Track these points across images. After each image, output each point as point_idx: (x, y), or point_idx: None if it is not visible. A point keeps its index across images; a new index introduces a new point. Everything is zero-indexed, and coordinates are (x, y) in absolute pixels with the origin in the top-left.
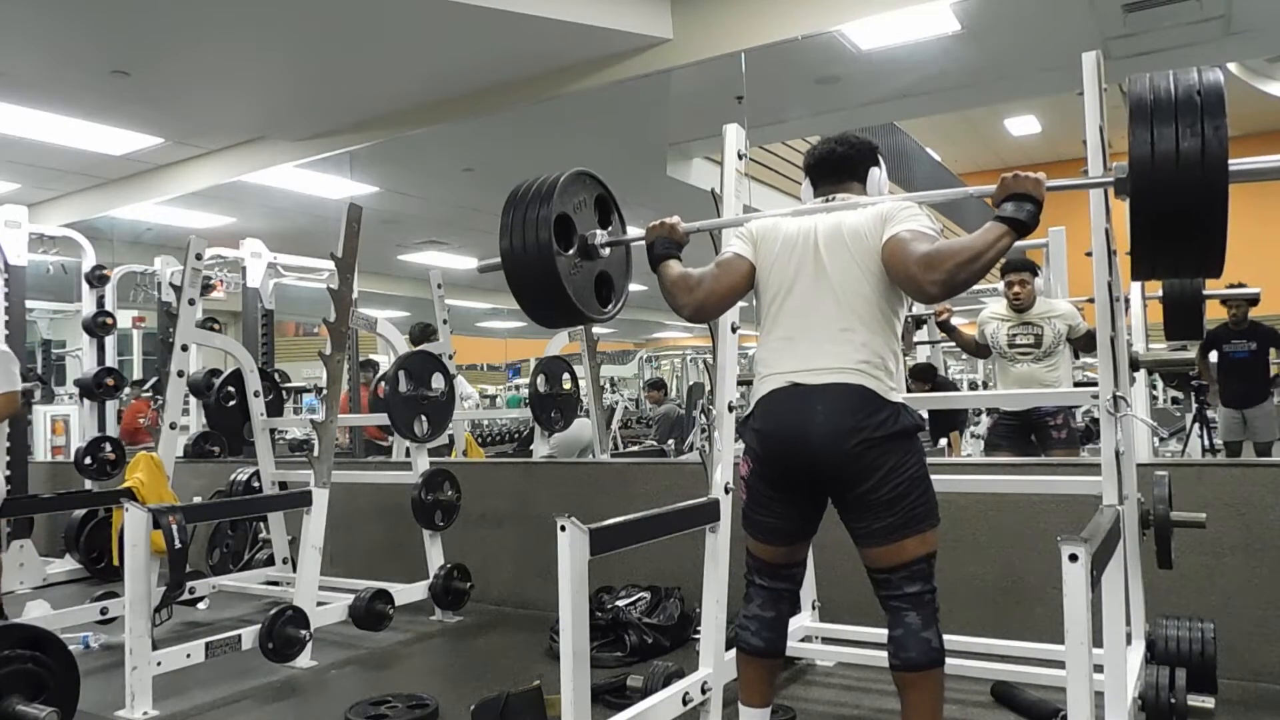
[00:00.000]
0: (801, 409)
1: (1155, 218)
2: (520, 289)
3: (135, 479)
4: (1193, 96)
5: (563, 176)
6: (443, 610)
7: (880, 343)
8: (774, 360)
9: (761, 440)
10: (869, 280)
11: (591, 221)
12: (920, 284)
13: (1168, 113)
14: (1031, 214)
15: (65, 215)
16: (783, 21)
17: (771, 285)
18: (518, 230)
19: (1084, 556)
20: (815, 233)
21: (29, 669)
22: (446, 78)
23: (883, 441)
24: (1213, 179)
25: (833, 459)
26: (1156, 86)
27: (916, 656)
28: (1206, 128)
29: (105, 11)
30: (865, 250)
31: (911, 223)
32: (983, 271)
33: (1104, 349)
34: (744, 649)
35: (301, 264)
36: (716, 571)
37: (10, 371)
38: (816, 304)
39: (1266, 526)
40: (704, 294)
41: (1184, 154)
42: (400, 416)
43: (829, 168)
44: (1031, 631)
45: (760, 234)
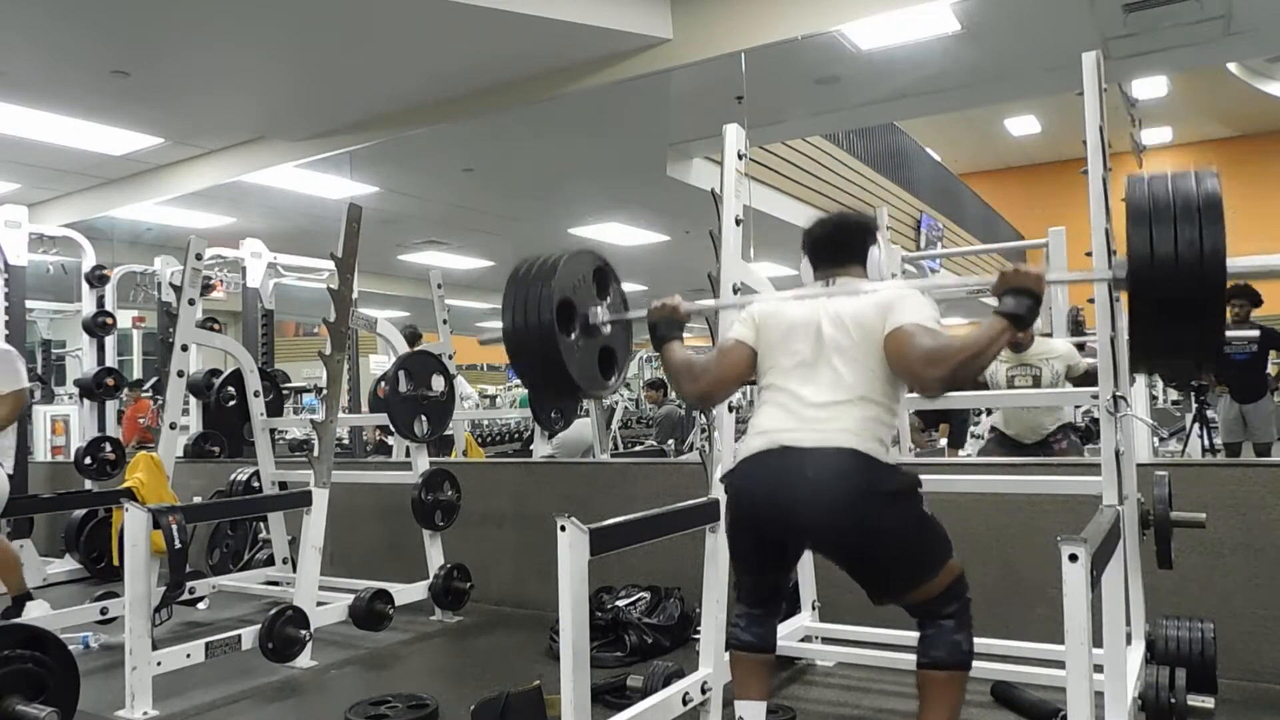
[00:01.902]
0: (789, 470)
1: (1154, 313)
2: (523, 370)
3: (135, 479)
4: (1191, 200)
5: (564, 257)
6: (443, 610)
7: (877, 420)
8: (765, 422)
9: (739, 499)
10: (870, 366)
11: (591, 295)
12: (923, 380)
13: (1166, 215)
14: (1031, 309)
15: (65, 215)
16: (783, 21)
17: (769, 365)
18: (519, 310)
19: (1084, 556)
20: (818, 317)
21: (29, 669)
22: (446, 78)
23: (882, 507)
24: (1210, 278)
25: (825, 529)
26: (1155, 189)
27: (945, 656)
28: (1205, 232)
29: (105, 11)
30: (868, 337)
31: (915, 314)
32: (985, 366)
33: (1104, 349)
34: (735, 645)
35: (301, 264)
36: (716, 571)
37: (16, 370)
38: (816, 380)
39: (1266, 526)
40: (708, 383)
41: (1183, 254)
42: (400, 416)
43: (829, 250)
44: (1031, 631)
45: (762, 318)
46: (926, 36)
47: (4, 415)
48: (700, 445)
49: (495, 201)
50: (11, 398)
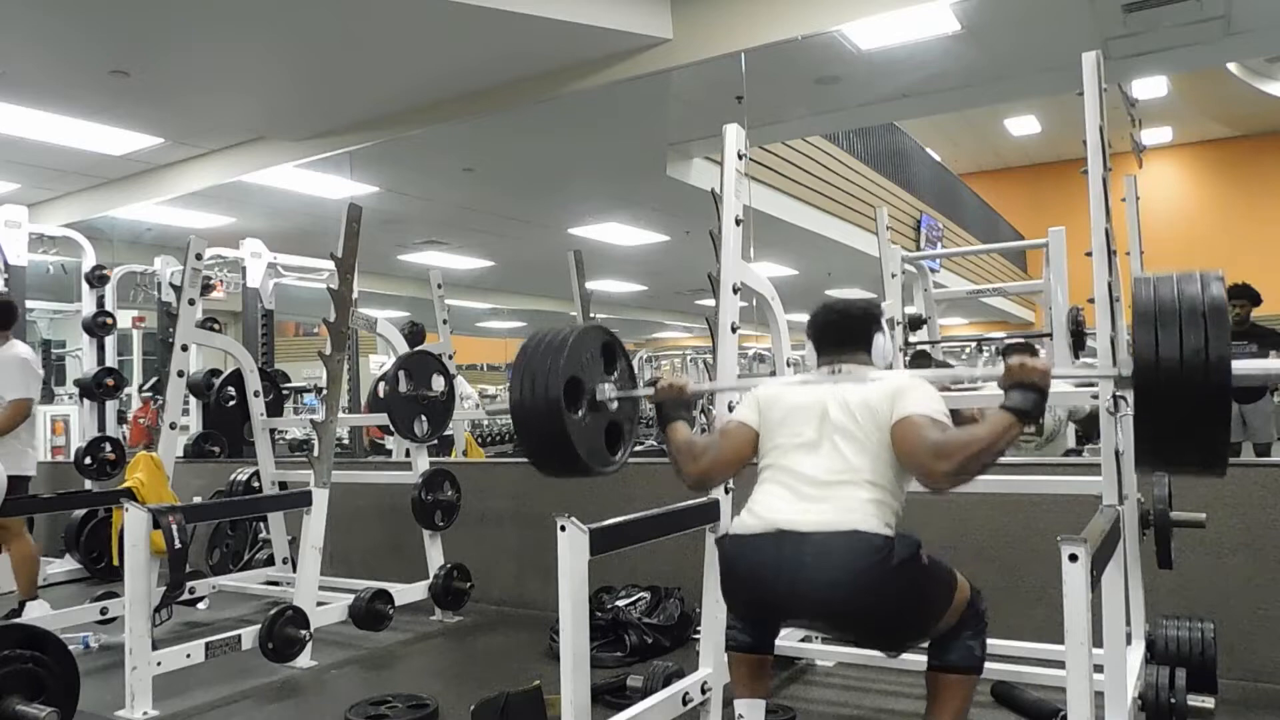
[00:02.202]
0: (789, 556)
1: (1158, 416)
2: (530, 446)
3: (135, 479)
4: (1196, 303)
5: (573, 335)
6: (443, 610)
7: (882, 503)
8: (761, 501)
9: (737, 582)
10: (877, 453)
11: (599, 371)
12: (930, 471)
13: (1171, 317)
14: (1037, 403)
15: (65, 215)
16: (783, 21)
17: (770, 444)
18: (528, 387)
19: (1084, 556)
20: (824, 402)
21: (29, 669)
22: (446, 78)
23: (884, 588)
24: (1216, 383)
25: (829, 615)
26: (1160, 292)
27: (957, 660)
28: (1211, 336)
29: (105, 11)
30: (875, 423)
31: (924, 405)
32: (993, 462)
33: (1104, 349)
34: (732, 646)
35: (301, 264)
36: (716, 572)
37: (26, 379)
38: (817, 459)
39: (1266, 526)
40: (708, 463)
41: (1188, 359)
42: (400, 416)
43: (833, 336)
44: (1031, 631)
45: (765, 400)
46: (926, 36)
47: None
48: None
49: (495, 201)
50: (13, 405)
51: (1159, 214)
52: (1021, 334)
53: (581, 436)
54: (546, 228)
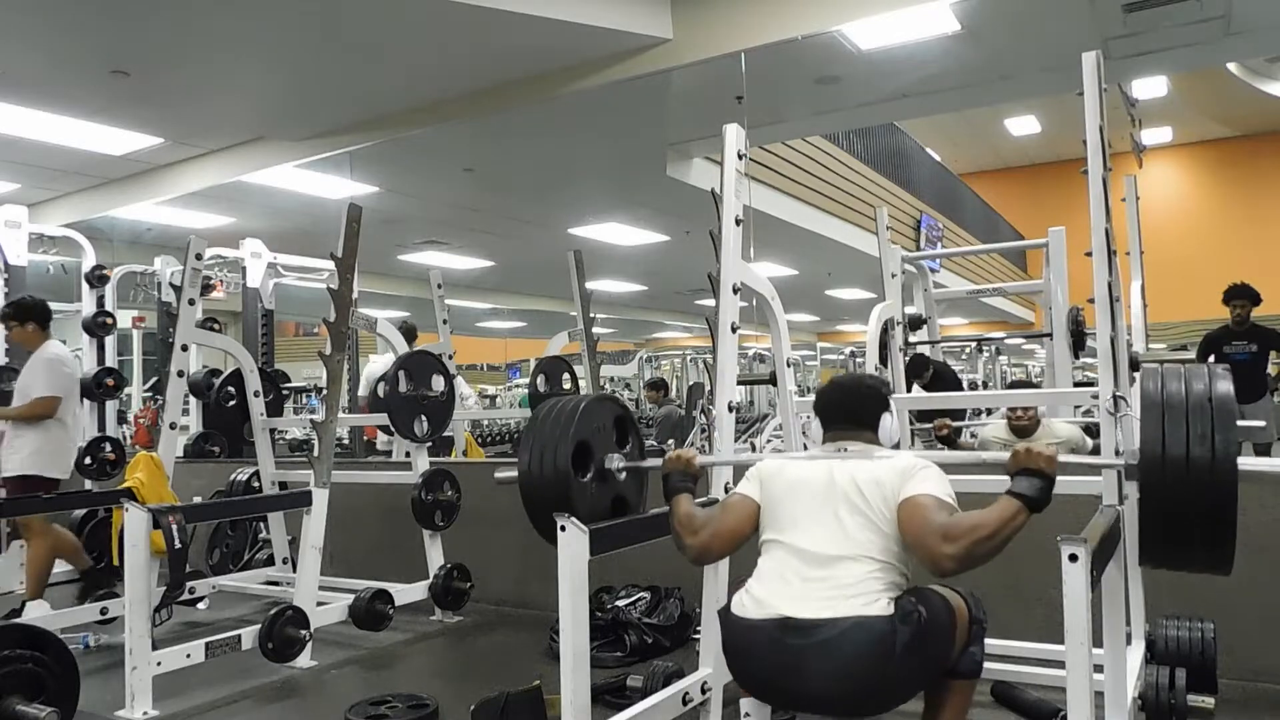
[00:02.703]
0: (792, 653)
1: (1164, 515)
2: (535, 512)
3: (135, 479)
4: (1204, 401)
5: (585, 403)
6: (443, 610)
7: (887, 581)
8: (763, 583)
9: (738, 671)
10: (882, 529)
11: (609, 443)
12: (936, 555)
13: (1179, 414)
14: (1044, 490)
15: (65, 215)
16: (783, 21)
17: (775, 518)
18: (537, 452)
19: (1084, 556)
20: (832, 475)
21: (29, 669)
22: (446, 78)
23: (894, 672)
24: (1221, 484)
25: (834, 706)
26: (1169, 389)
27: (958, 666)
28: (1217, 436)
29: (105, 11)
30: (881, 499)
31: (932, 487)
32: (999, 550)
33: (1104, 349)
34: None
35: (301, 264)
36: (716, 571)
37: (56, 375)
38: (822, 536)
39: (1266, 526)
40: (708, 536)
41: (1194, 459)
42: (400, 416)
43: (841, 414)
44: (1031, 631)
45: (769, 475)
46: (926, 36)
47: (23, 413)
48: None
49: (495, 201)
50: (34, 402)
51: (1159, 214)
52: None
53: (586, 504)
54: (546, 228)
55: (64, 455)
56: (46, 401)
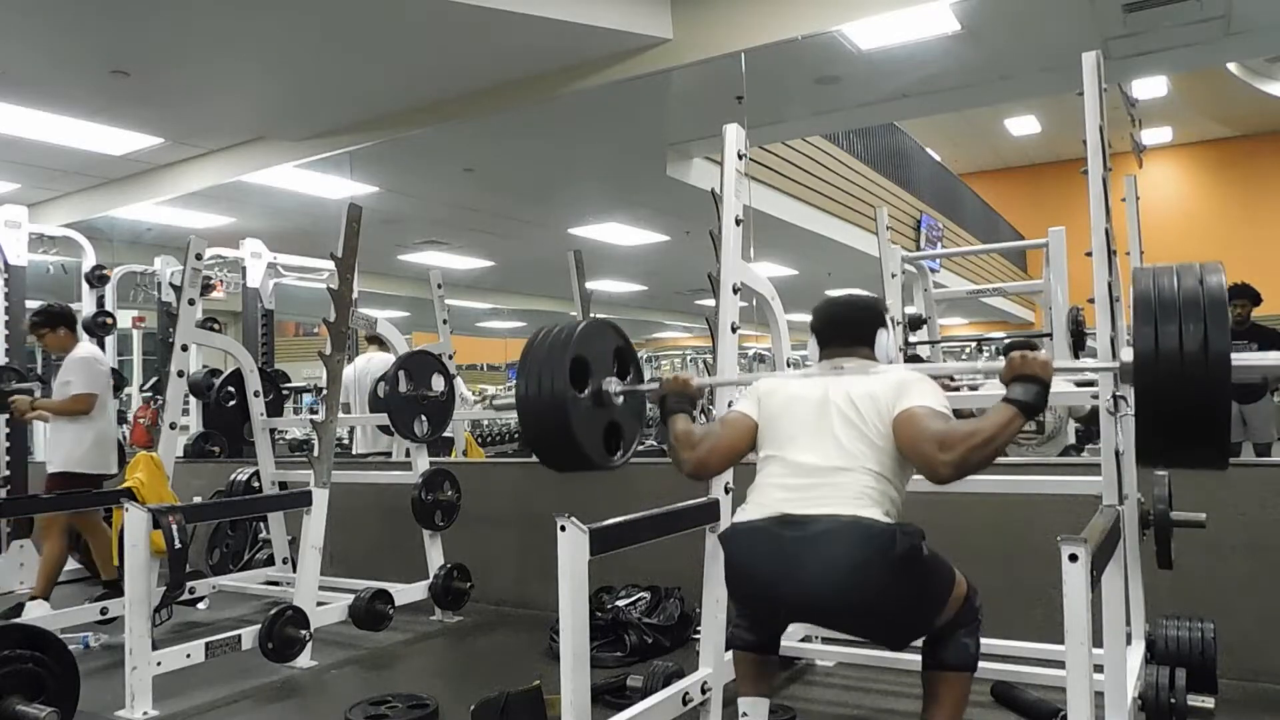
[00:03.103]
0: (790, 551)
1: (1159, 410)
2: (532, 432)
3: (135, 479)
4: (1196, 295)
5: (582, 324)
6: (443, 610)
7: (882, 491)
8: (764, 491)
9: (739, 578)
10: (877, 443)
11: (607, 367)
12: (932, 462)
13: (1171, 310)
14: (1039, 395)
15: (65, 215)
16: (783, 21)
17: (774, 437)
18: (534, 375)
19: (1084, 556)
20: (827, 393)
21: (29, 669)
22: (446, 78)
23: (888, 575)
24: (1216, 376)
25: (834, 607)
26: (1161, 283)
27: (951, 658)
28: (1210, 329)
29: (105, 11)
30: (877, 413)
31: (928, 399)
32: (996, 454)
33: (1104, 349)
34: (738, 645)
35: (301, 264)
36: (716, 571)
37: (93, 373)
38: (818, 451)
39: (1266, 526)
40: (705, 451)
41: (1188, 352)
42: (400, 416)
43: (837, 331)
44: (1031, 631)
45: (766, 392)
46: (926, 36)
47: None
48: None
49: (495, 201)
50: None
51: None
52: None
53: (582, 426)
54: (546, 228)
55: (107, 450)
56: (85, 398)
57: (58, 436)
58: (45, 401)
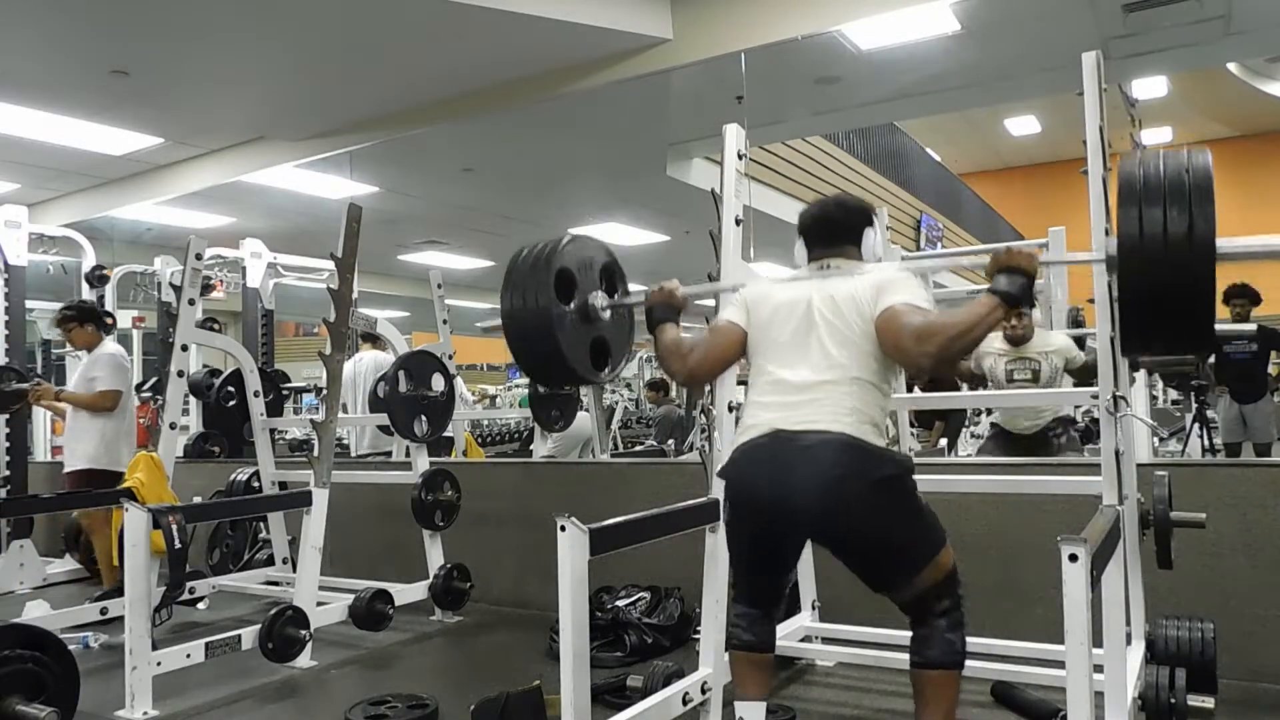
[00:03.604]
0: (781, 465)
1: (1143, 296)
2: (518, 348)
3: (135, 479)
4: (1182, 179)
5: (566, 237)
6: (443, 610)
7: (870, 390)
8: (757, 412)
9: (738, 495)
10: (862, 346)
11: (595, 286)
12: (912, 356)
13: (1156, 194)
14: (1023, 288)
15: (65, 215)
16: (783, 21)
17: (763, 349)
18: (518, 289)
19: (1084, 556)
20: (810, 299)
21: (29, 669)
22: (446, 78)
23: (872, 496)
24: (1199, 261)
25: (819, 519)
26: (1146, 167)
27: (938, 656)
28: (1195, 211)
29: (105, 11)
30: (860, 317)
31: (906, 294)
32: (976, 344)
33: (1104, 349)
34: (735, 645)
35: (301, 264)
36: (716, 571)
37: (118, 371)
38: (805, 357)
39: (1266, 526)
40: (696, 360)
41: (1172, 236)
42: (400, 416)
43: (823, 231)
44: (1031, 631)
45: (753, 299)
46: (926, 36)
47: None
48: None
49: (495, 201)
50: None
51: None
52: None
53: (568, 340)
54: (546, 228)
55: (128, 448)
56: (111, 395)
57: (78, 433)
58: (72, 394)
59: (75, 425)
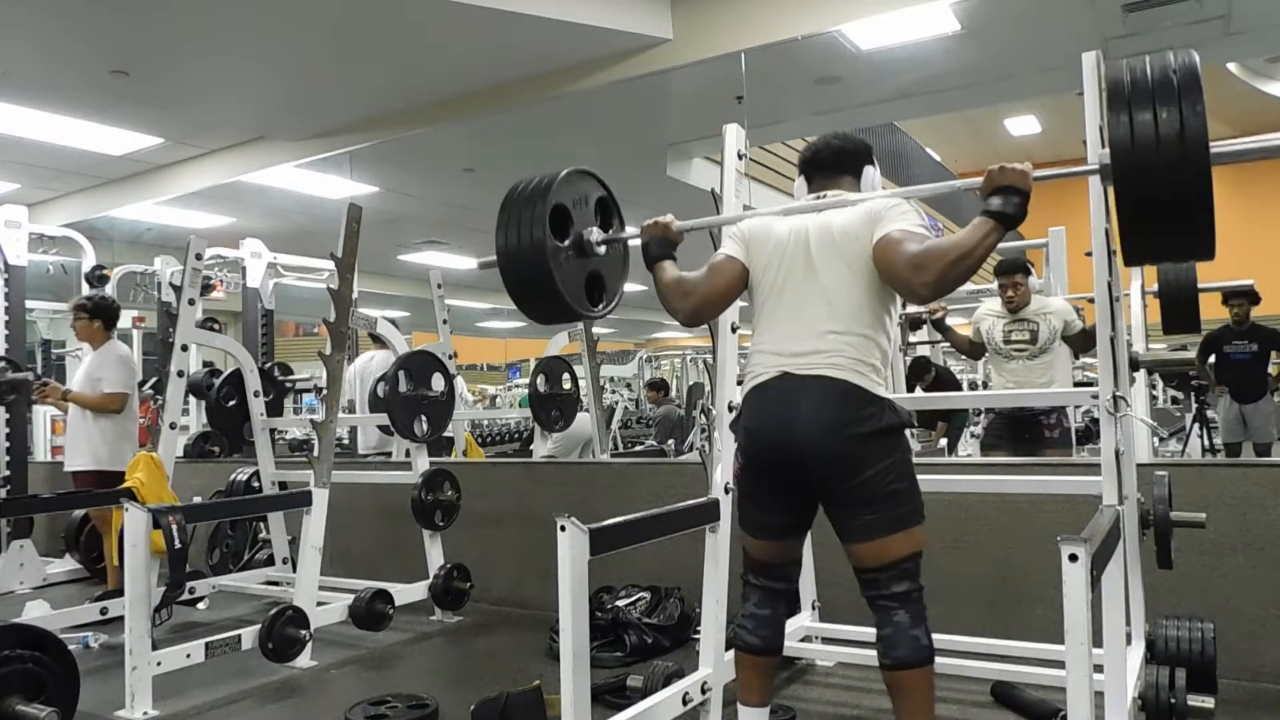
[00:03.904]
0: (788, 401)
1: (1139, 201)
2: (513, 283)
3: (135, 479)
4: (1169, 77)
5: (561, 172)
6: (443, 610)
7: (870, 342)
8: (763, 358)
9: (748, 434)
10: (859, 280)
11: (591, 221)
12: (910, 285)
13: (1145, 95)
14: (1019, 206)
15: (65, 215)
16: (783, 21)
17: (764, 286)
18: (513, 224)
19: (1084, 556)
20: (807, 233)
21: (29, 669)
22: (446, 78)
23: (869, 437)
24: (1194, 158)
25: (819, 452)
26: (1133, 70)
27: (907, 655)
28: (1185, 108)
29: (105, 11)
30: (856, 250)
31: (902, 222)
32: (973, 269)
33: (1104, 349)
34: (741, 647)
35: (301, 264)
36: (716, 571)
37: (126, 372)
38: (807, 304)
39: (1266, 526)
40: (698, 299)
41: (1163, 136)
42: (400, 416)
43: (824, 161)
44: (1031, 631)
45: (751, 234)
46: (926, 36)
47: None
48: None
49: (495, 201)
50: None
51: None
52: None
53: (562, 274)
54: None
55: (130, 448)
56: (119, 396)
57: (82, 434)
58: (79, 395)
59: (79, 425)
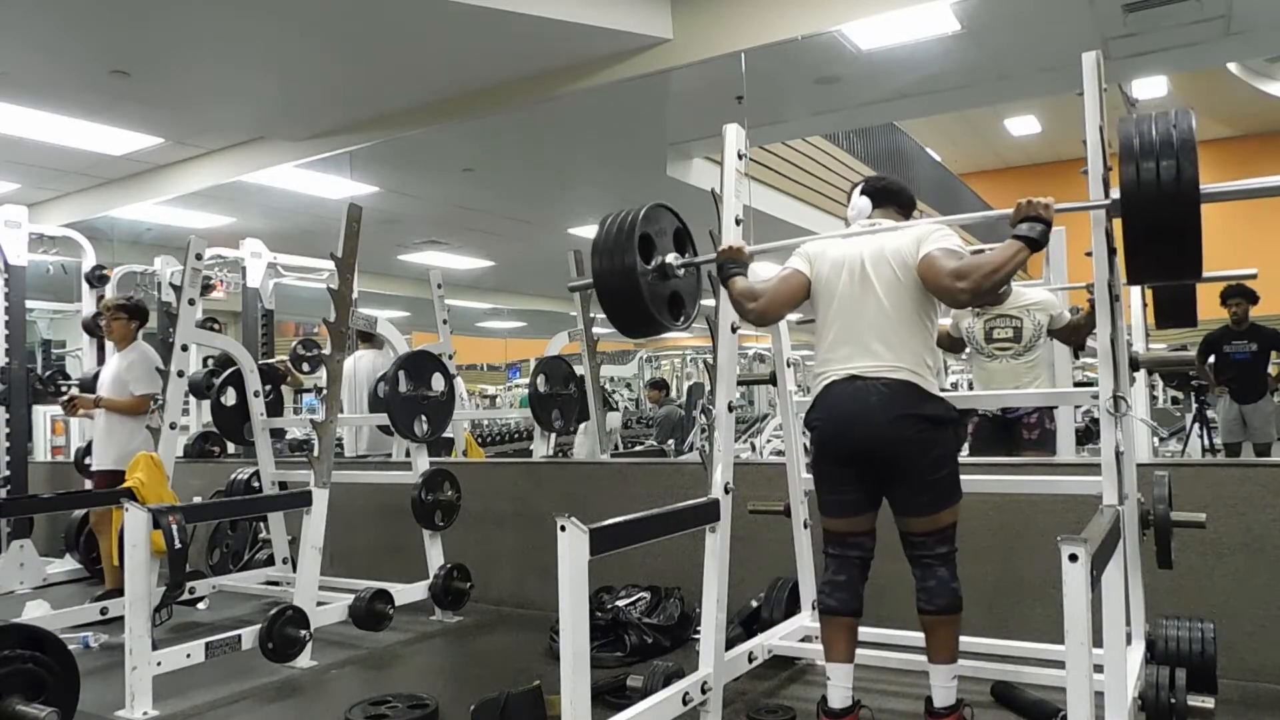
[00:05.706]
0: (860, 397)
1: (1143, 233)
2: (609, 302)
3: (135, 479)
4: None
5: (645, 206)
6: (443, 610)
7: (920, 345)
8: (831, 361)
9: (824, 424)
10: (908, 292)
11: (668, 244)
12: (952, 291)
13: (1150, 150)
14: (1043, 233)
15: (65, 215)
16: (783, 21)
17: (825, 298)
18: (607, 252)
19: (1084, 556)
20: (862, 255)
21: (29, 669)
22: (446, 78)
23: (929, 428)
24: (1186, 200)
25: (888, 438)
26: (1141, 129)
27: (947, 603)
28: (1181, 161)
29: (105, 12)
30: (904, 266)
31: (944, 242)
32: (1005, 281)
33: (1104, 349)
34: (824, 610)
35: (301, 264)
36: (716, 571)
37: (153, 374)
38: (865, 313)
39: (1266, 526)
40: (766, 302)
41: (1164, 182)
42: (400, 416)
43: (885, 193)
44: (1031, 631)
45: (815, 254)
46: (926, 36)
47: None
48: (700, 445)
49: (495, 201)
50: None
51: None
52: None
53: (654, 298)
54: (546, 228)
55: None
56: (147, 399)
57: (111, 434)
58: (111, 400)
59: (109, 426)
